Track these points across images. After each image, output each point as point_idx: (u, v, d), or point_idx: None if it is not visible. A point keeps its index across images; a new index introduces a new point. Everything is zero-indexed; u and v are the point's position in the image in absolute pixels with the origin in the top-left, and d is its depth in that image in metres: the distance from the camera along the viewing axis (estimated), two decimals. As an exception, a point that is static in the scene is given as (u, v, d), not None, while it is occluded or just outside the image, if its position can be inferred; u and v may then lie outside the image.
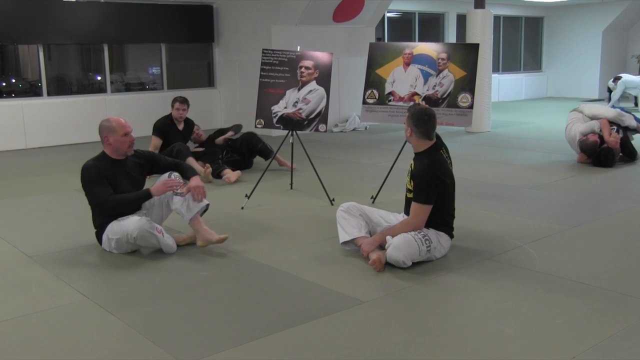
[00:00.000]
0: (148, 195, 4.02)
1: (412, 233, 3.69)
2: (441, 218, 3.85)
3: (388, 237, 3.73)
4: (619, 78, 12.96)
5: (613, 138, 6.92)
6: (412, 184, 3.80)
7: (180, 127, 6.91)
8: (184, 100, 6.86)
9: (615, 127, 7.07)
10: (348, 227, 3.93)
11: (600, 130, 6.99)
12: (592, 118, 7.21)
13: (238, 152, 6.95)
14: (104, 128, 4.02)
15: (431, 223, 3.82)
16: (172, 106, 6.85)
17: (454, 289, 3.43)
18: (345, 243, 3.94)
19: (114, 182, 3.98)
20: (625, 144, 7.10)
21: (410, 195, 3.85)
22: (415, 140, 3.82)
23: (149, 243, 3.93)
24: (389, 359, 2.64)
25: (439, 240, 3.81)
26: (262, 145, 6.93)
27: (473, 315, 3.07)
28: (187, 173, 4.17)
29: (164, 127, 6.80)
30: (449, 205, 3.89)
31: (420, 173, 3.74)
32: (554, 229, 4.50)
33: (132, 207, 4.05)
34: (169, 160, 4.31)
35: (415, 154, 3.88)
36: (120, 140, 3.99)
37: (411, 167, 3.88)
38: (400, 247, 3.61)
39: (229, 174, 6.42)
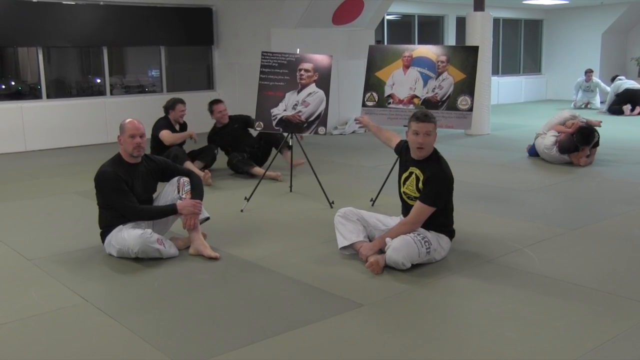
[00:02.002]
0: (174, 211, 4.04)
1: (412, 235, 3.69)
2: (442, 219, 3.85)
3: (387, 239, 3.73)
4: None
5: (572, 127, 7.20)
6: (419, 189, 3.78)
7: (177, 128, 6.93)
8: (184, 102, 6.93)
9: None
10: (346, 233, 3.92)
11: (560, 133, 7.25)
12: (545, 135, 7.49)
13: (260, 150, 6.98)
14: (120, 127, 4.09)
15: (431, 225, 3.82)
16: (174, 108, 6.84)
17: (454, 292, 3.43)
18: (344, 248, 3.94)
19: (130, 186, 4.01)
20: (587, 126, 7.27)
21: (411, 202, 3.83)
22: (432, 146, 3.83)
23: (151, 255, 3.93)
24: (388, 362, 2.64)
25: (439, 242, 3.81)
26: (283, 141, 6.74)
27: (473, 319, 3.07)
28: (193, 190, 4.16)
29: (167, 127, 6.82)
30: (449, 206, 3.90)
31: (438, 177, 3.74)
32: (553, 232, 4.50)
33: (157, 219, 4.10)
34: (181, 170, 4.34)
35: (422, 160, 3.83)
36: (126, 140, 4.02)
37: (415, 174, 3.84)
38: (399, 248, 3.61)
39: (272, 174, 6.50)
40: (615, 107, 12.71)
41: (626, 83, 12.93)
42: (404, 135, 4.12)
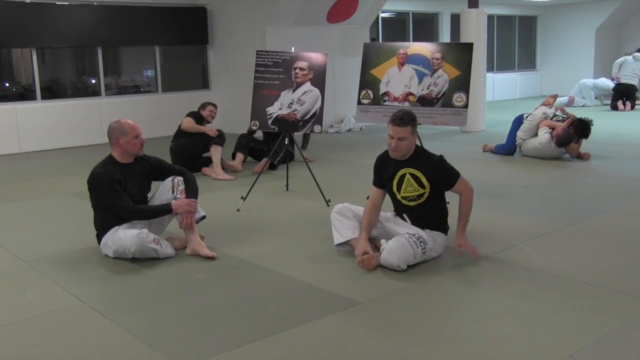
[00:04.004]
0: (169, 210, 4.02)
1: (407, 236, 3.68)
2: (437, 215, 3.87)
3: (382, 241, 3.73)
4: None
5: (566, 121, 7.26)
6: (423, 185, 3.77)
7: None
8: (216, 105, 7.34)
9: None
10: (342, 229, 3.92)
11: (553, 129, 7.26)
12: (537, 130, 7.47)
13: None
14: (113, 130, 4.01)
15: (427, 223, 3.83)
16: (204, 108, 7.18)
17: (451, 289, 3.43)
18: (339, 244, 3.94)
19: (124, 186, 3.99)
20: (584, 119, 7.26)
21: (412, 204, 3.82)
22: (414, 143, 3.83)
23: (148, 255, 3.92)
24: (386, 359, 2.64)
25: (435, 240, 3.81)
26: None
27: (470, 315, 3.07)
28: (187, 189, 4.15)
29: (199, 119, 7.08)
30: (443, 199, 3.92)
31: (438, 162, 3.81)
32: (550, 227, 4.51)
33: (152, 218, 4.09)
34: (175, 168, 4.31)
35: (409, 159, 3.81)
36: (131, 142, 3.99)
37: (409, 174, 3.79)
38: (394, 250, 3.60)
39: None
40: (615, 104, 12.79)
41: (627, 69, 12.95)
42: None
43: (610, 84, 13.46)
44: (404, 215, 3.93)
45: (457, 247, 3.80)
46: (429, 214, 3.85)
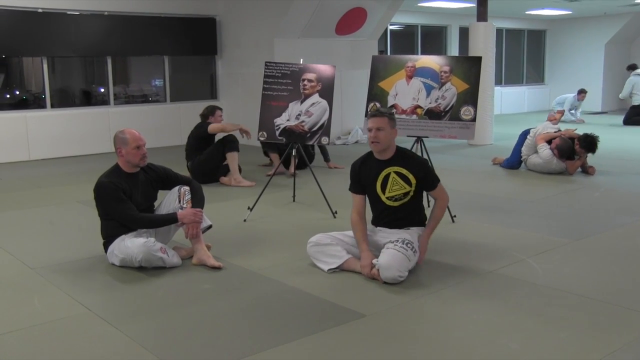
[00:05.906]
0: (174, 220, 4.04)
1: (391, 246, 3.68)
2: (418, 215, 3.93)
3: (374, 261, 3.69)
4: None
5: (567, 133, 7.30)
6: (410, 183, 3.79)
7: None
8: (222, 109, 7.38)
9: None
10: (327, 258, 3.88)
11: (550, 142, 7.23)
12: (537, 145, 7.39)
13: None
14: (117, 139, 4.06)
15: (408, 223, 3.88)
16: (213, 114, 7.16)
17: (457, 303, 3.42)
18: (332, 270, 3.87)
19: (129, 195, 4.01)
20: (590, 133, 7.22)
21: (397, 204, 3.83)
22: (393, 139, 3.86)
23: (154, 264, 3.93)
24: (391, 373, 2.63)
25: (419, 235, 3.88)
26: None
27: (476, 329, 3.06)
28: (193, 198, 4.17)
29: None
30: (422, 200, 3.97)
31: (423, 162, 3.90)
32: (557, 243, 4.49)
33: (157, 227, 4.10)
34: (181, 178, 4.33)
35: (394, 158, 3.84)
36: (131, 152, 4.01)
37: (394, 172, 3.80)
38: (389, 265, 3.58)
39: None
40: (637, 119, 12.65)
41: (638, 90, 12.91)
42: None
43: (575, 101, 13.58)
44: (381, 227, 3.95)
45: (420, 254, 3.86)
46: (411, 215, 3.89)
